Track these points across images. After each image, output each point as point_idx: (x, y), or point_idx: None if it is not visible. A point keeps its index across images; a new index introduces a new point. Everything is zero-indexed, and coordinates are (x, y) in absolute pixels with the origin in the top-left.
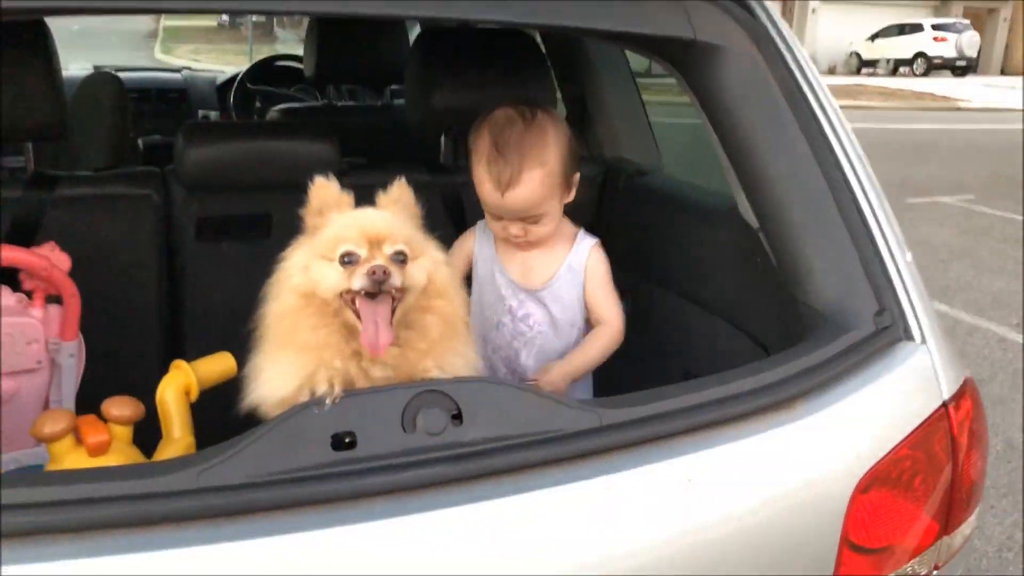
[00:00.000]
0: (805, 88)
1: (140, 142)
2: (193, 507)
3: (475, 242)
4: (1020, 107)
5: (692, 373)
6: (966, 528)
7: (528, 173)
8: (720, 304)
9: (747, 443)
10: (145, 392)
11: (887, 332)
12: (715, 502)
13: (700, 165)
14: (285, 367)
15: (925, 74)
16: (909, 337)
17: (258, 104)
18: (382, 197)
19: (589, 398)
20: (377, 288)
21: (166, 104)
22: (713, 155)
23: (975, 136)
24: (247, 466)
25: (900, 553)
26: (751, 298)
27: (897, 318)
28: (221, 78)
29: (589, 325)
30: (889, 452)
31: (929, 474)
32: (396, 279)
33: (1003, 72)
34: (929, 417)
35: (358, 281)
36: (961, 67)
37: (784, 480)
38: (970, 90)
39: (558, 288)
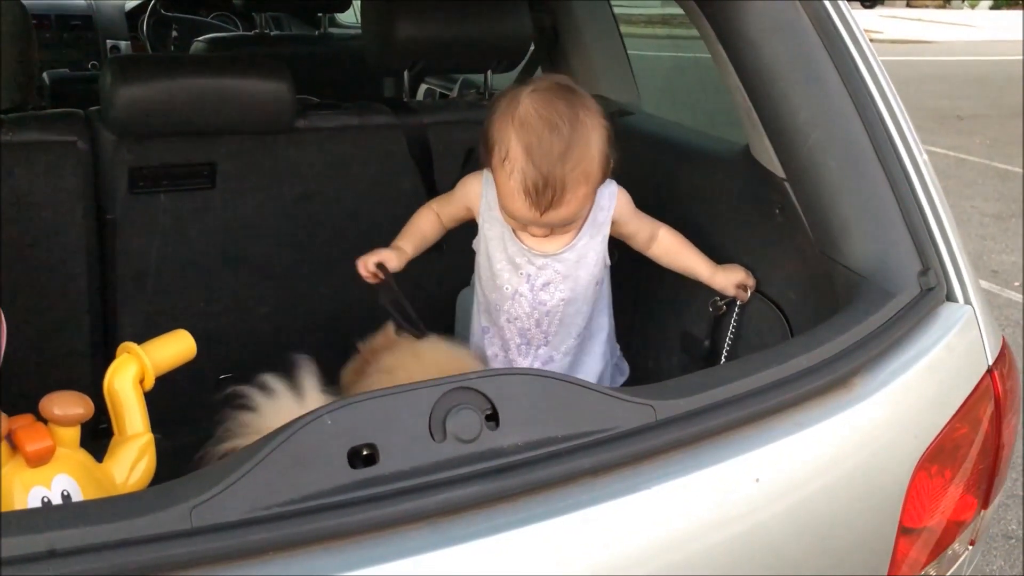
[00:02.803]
0: (836, 20)
1: (45, 76)
2: (188, 555)
3: (482, 197)
4: (930, 39)
5: (692, 336)
6: (997, 500)
7: (572, 192)
8: (725, 261)
9: (812, 432)
10: (72, 369)
11: (932, 294)
12: (781, 501)
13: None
14: None
15: None
16: (953, 298)
17: (175, 33)
18: None
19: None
20: None
21: (68, 32)
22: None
23: (894, 68)
24: (251, 496)
25: (947, 531)
26: (764, 255)
27: (941, 277)
28: (130, 4)
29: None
30: (945, 426)
31: (973, 445)
32: None
33: (909, 4)
34: (978, 384)
35: None
36: None
37: (847, 468)
38: (880, 22)
39: (583, 246)
